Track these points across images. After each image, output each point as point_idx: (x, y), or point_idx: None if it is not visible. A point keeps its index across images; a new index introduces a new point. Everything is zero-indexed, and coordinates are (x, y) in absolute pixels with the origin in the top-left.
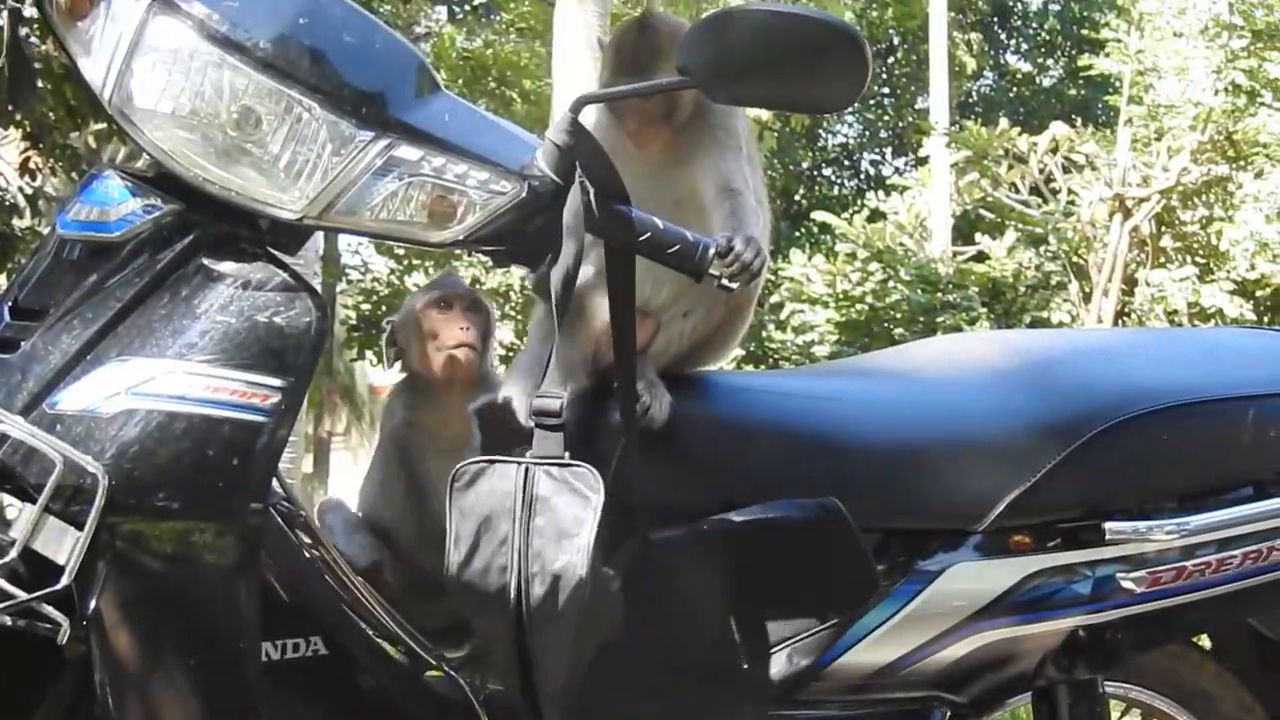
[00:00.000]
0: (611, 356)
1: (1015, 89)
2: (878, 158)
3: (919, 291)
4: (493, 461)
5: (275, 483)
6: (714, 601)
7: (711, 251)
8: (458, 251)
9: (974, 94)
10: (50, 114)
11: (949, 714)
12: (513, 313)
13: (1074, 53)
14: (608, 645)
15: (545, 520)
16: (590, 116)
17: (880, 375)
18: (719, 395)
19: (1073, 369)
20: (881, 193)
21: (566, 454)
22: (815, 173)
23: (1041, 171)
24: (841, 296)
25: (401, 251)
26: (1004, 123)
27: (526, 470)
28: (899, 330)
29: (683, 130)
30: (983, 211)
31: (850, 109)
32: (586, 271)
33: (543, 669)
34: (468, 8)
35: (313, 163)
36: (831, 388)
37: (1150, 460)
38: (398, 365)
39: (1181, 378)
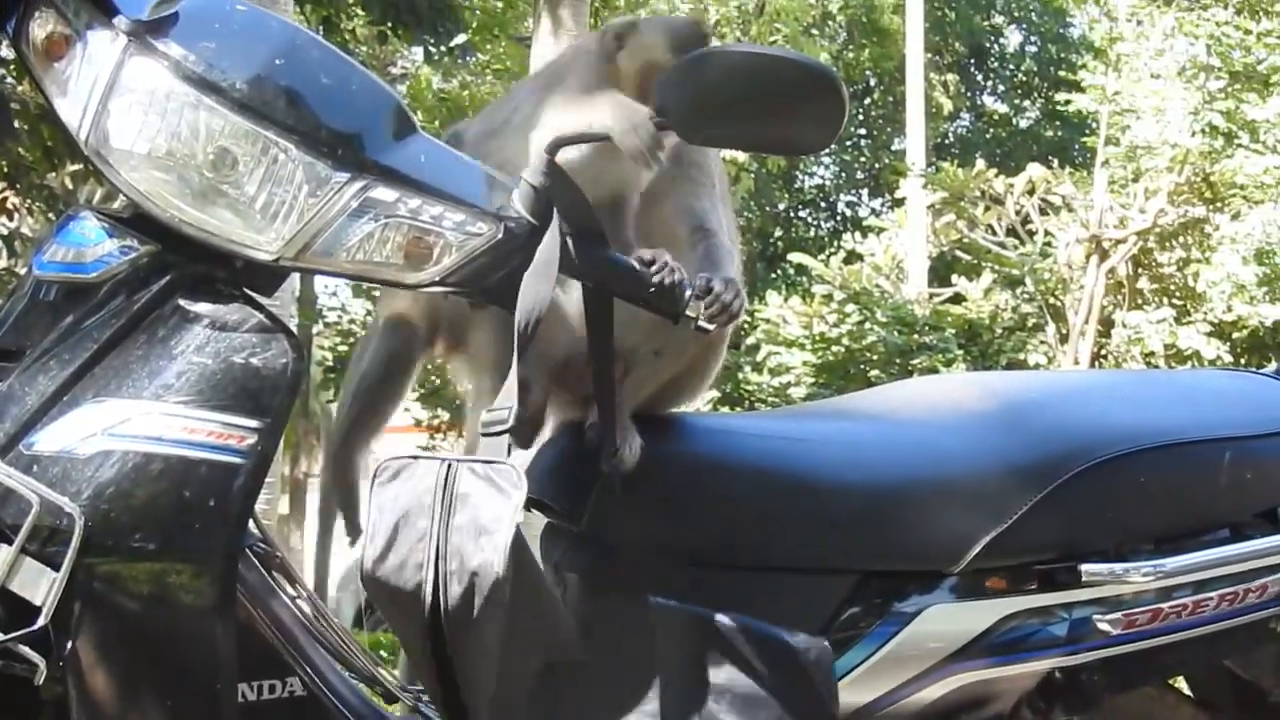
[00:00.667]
0: (569, 396)
1: (992, 130)
2: (854, 199)
3: (895, 333)
4: (416, 457)
5: (252, 524)
6: (687, 650)
7: (689, 293)
8: (434, 293)
9: (950, 135)
10: (27, 154)
11: None
12: None
13: (1050, 94)
14: (559, 666)
15: (465, 518)
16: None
17: (856, 417)
18: (694, 437)
19: (1049, 411)
20: (858, 234)
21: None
22: (792, 214)
23: (1018, 213)
24: (818, 338)
25: (378, 293)
26: (980, 164)
27: (449, 467)
28: (875, 372)
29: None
30: (959, 253)
31: (827, 150)
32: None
33: (465, 677)
34: (444, 49)
35: (289, 204)
36: (807, 429)
37: (1127, 502)
38: None
39: (1158, 420)
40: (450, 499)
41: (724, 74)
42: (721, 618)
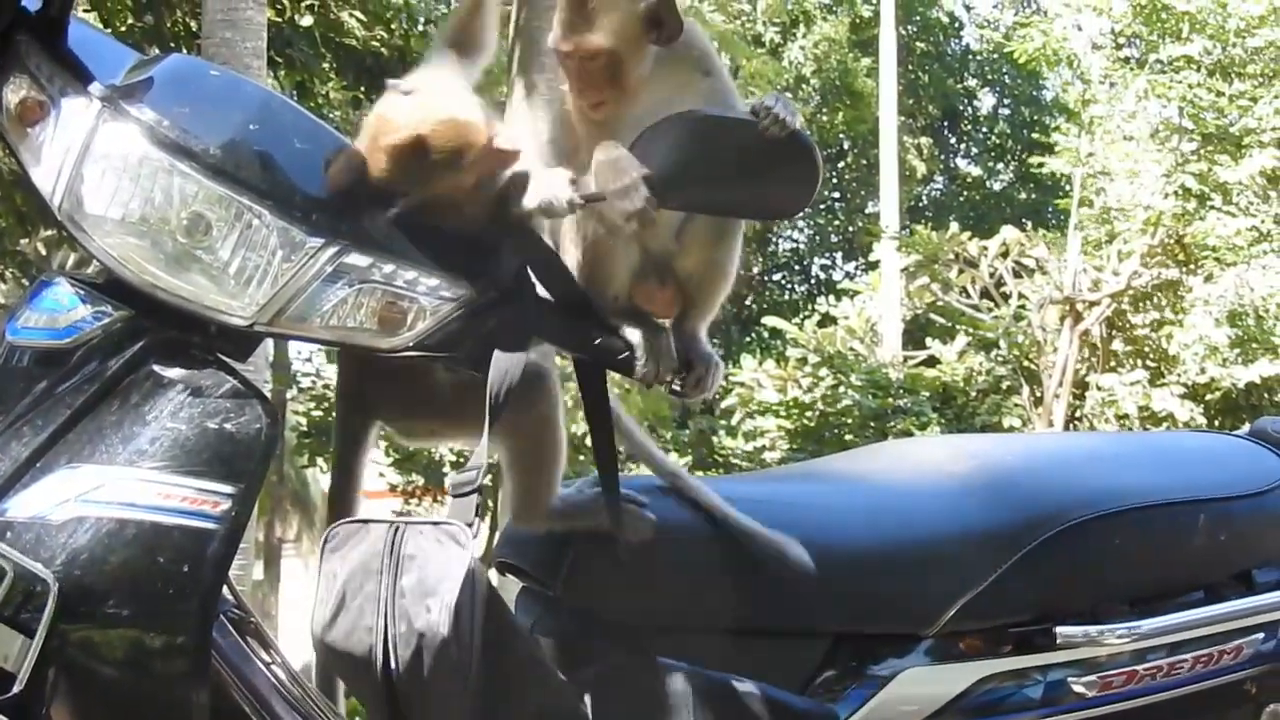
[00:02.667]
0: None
1: (965, 193)
2: (828, 262)
3: (870, 396)
4: (365, 522)
5: (226, 589)
6: (695, 712)
7: (668, 366)
8: (407, 357)
9: (924, 198)
10: (0, 220)
11: None
12: None
13: (1024, 156)
14: None
15: (412, 579)
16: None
17: (831, 480)
18: (669, 501)
19: (1024, 474)
20: (832, 297)
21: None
22: (766, 278)
23: (992, 275)
24: (792, 402)
25: None
26: (954, 227)
27: (396, 529)
28: (850, 435)
29: (648, 83)
30: (933, 316)
31: (801, 214)
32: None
33: None
34: None
35: (263, 269)
36: (783, 493)
37: (1102, 564)
38: None
39: (1133, 482)
40: (398, 561)
41: (698, 137)
42: (729, 680)
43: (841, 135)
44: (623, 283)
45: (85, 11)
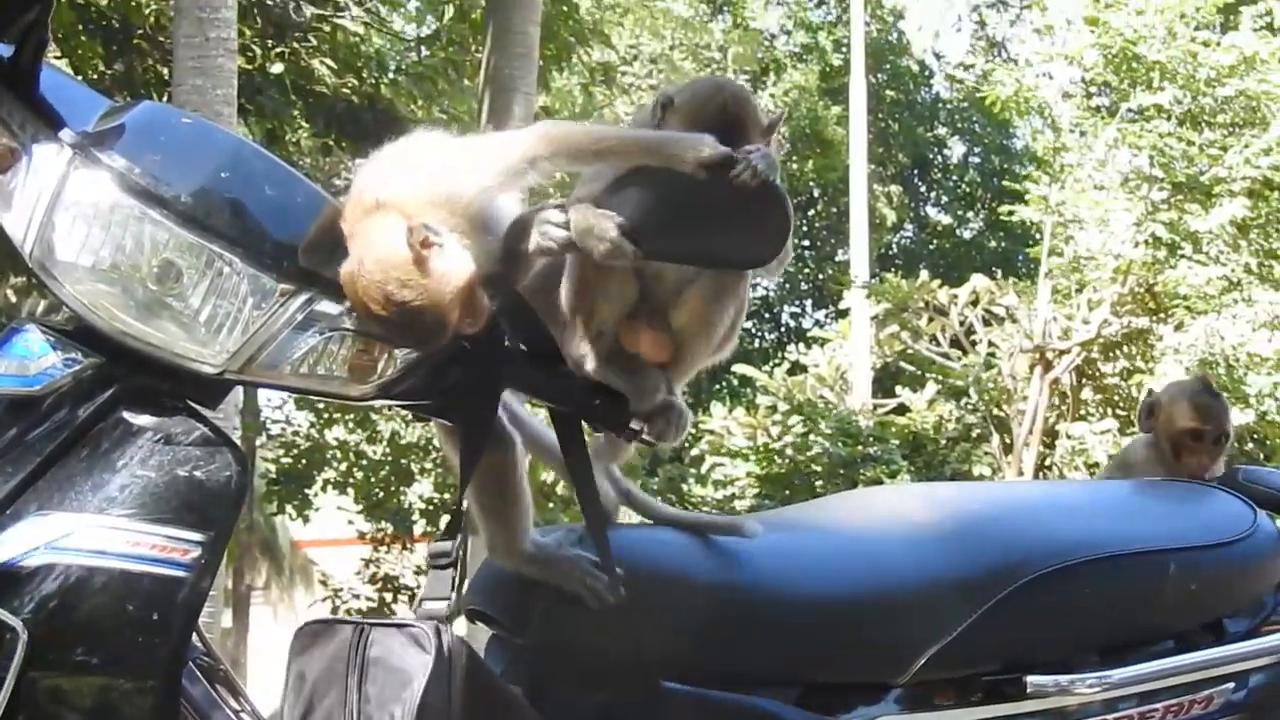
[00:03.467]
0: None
1: (935, 241)
2: (798, 310)
3: (840, 444)
4: (333, 622)
5: (195, 637)
6: None
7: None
8: (378, 404)
9: (894, 246)
10: None
11: None
12: (433, 466)
13: (994, 205)
14: None
15: (377, 686)
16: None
17: (801, 528)
18: (640, 548)
19: (994, 523)
20: (802, 345)
21: (432, 607)
22: None
23: (962, 324)
24: (762, 449)
25: (321, 405)
26: (924, 275)
27: (361, 631)
28: (820, 483)
29: None
30: (903, 364)
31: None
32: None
33: None
34: None
35: (233, 316)
36: (752, 541)
37: (1072, 613)
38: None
39: (1103, 531)
40: (363, 665)
41: (670, 188)
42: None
43: (811, 183)
44: (612, 319)
45: (57, 58)
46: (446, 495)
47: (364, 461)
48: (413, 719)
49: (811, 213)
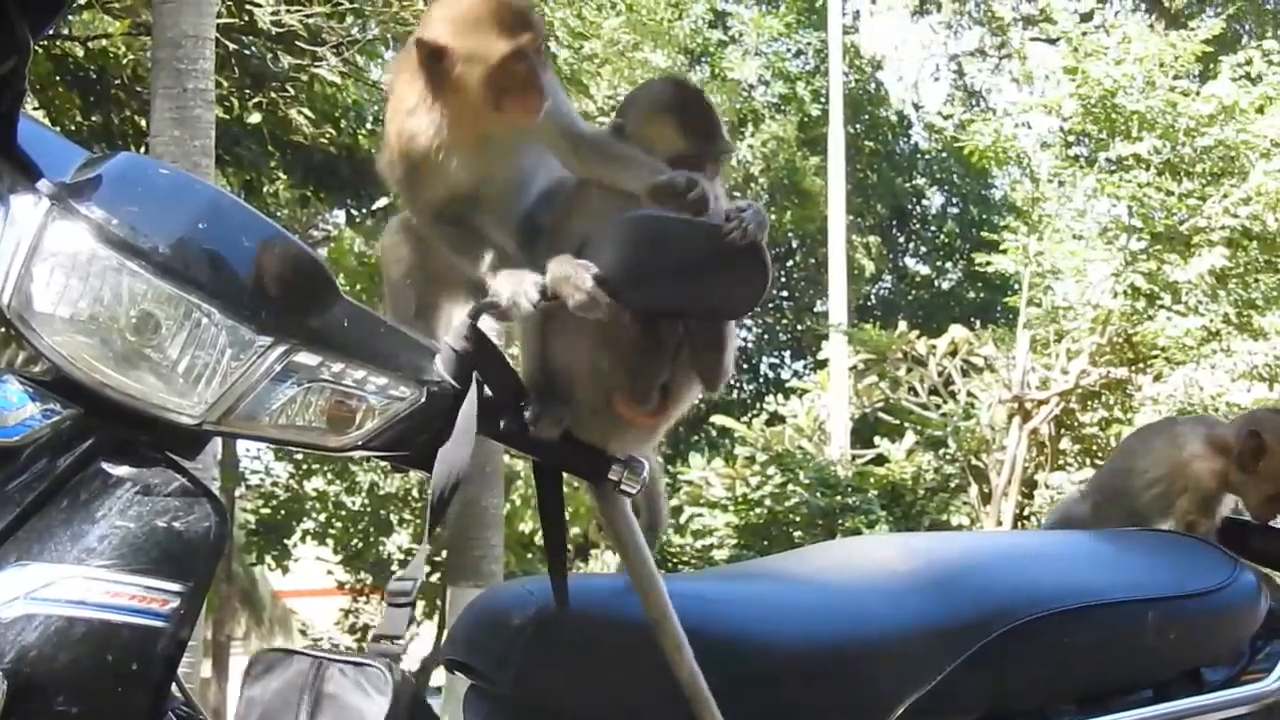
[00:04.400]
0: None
1: (914, 292)
2: (776, 361)
3: (818, 494)
4: (290, 652)
5: (174, 687)
6: None
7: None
8: (356, 455)
9: (873, 297)
10: None
11: None
12: (411, 516)
13: (972, 255)
14: None
15: (327, 719)
16: None
17: (780, 578)
18: (618, 600)
19: (973, 572)
20: (780, 396)
21: (386, 645)
22: None
23: (940, 374)
24: (740, 500)
25: (300, 456)
26: (903, 325)
27: (319, 665)
28: (798, 533)
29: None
30: (882, 414)
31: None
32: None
33: None
34: (366, 211)
35: (212, 368)
36: (731, 591)
37: (1051, 663)
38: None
39: (1082, 580)
40: (316, 699)
41: (647, 238)
42: None
43: (790, 234)
44: (601, 394)
45: (34, 109)
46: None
47: (343, 512)
48: None
49: (790, 263)
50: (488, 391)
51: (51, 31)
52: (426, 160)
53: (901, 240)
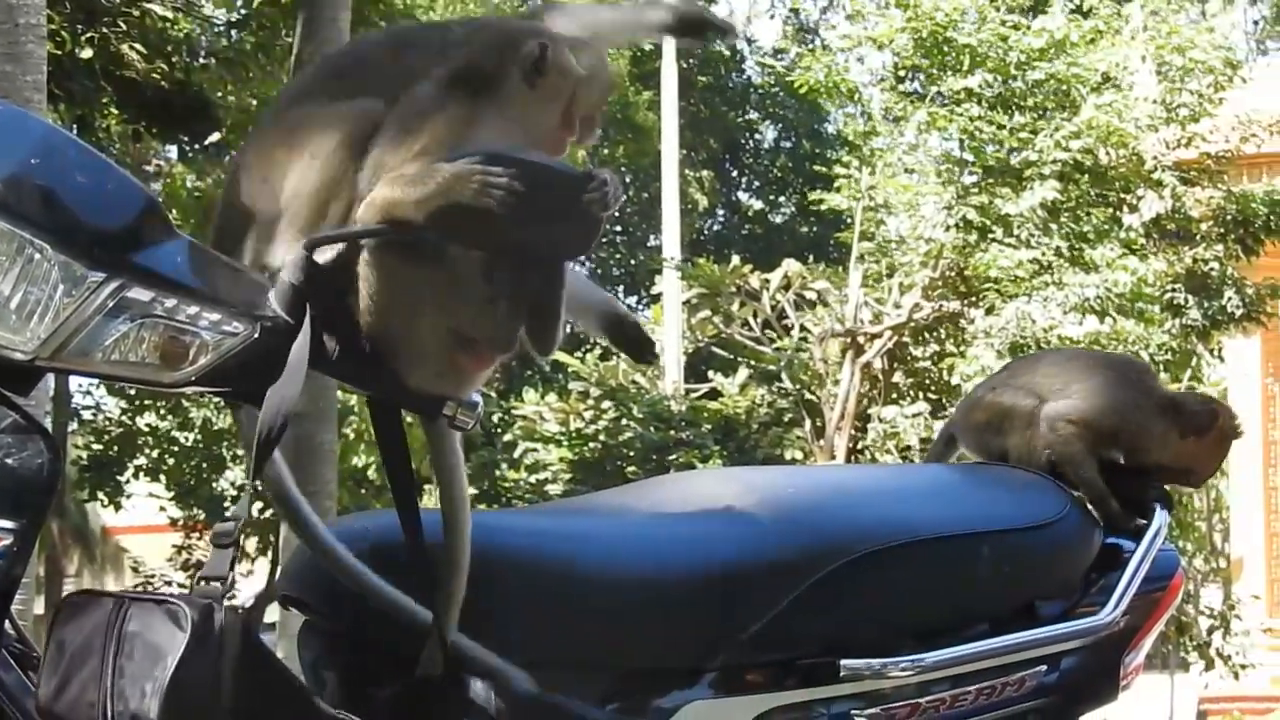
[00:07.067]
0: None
1: (748, 226)
2: (610, 295)
3: (652, 429)
4: (98, 594)
5: (8, 624)
6: None
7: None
8: (189, 391)
9: (706, 231)
10: None
11: None
12: (245, 452)
13: (806, 190)
14: None
15: (132, 660)
16: None
17: (614, 513)
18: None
19: (807, 506)
20: None
21: (193, 585)
22: None
23: (774, 308)
24: (574, 434)
25: (133, 392)
26: (736, 260)
27: (121, 604)
28: (632, 468)
29: None
30: (715, 349)
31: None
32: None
33: None
34: (198, 147)
35: (44, 304)
36: (564, 526)
37: (886, 597)
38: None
39: (917, 514)
40: (119, 639)
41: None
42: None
43: (623, 168)
44: (436, 341)
45: None
46: (259, 482)
47: (176, 448)
48: (162, 696)
49: (623, 198)
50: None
51: None
52: None
53: (735, 175)
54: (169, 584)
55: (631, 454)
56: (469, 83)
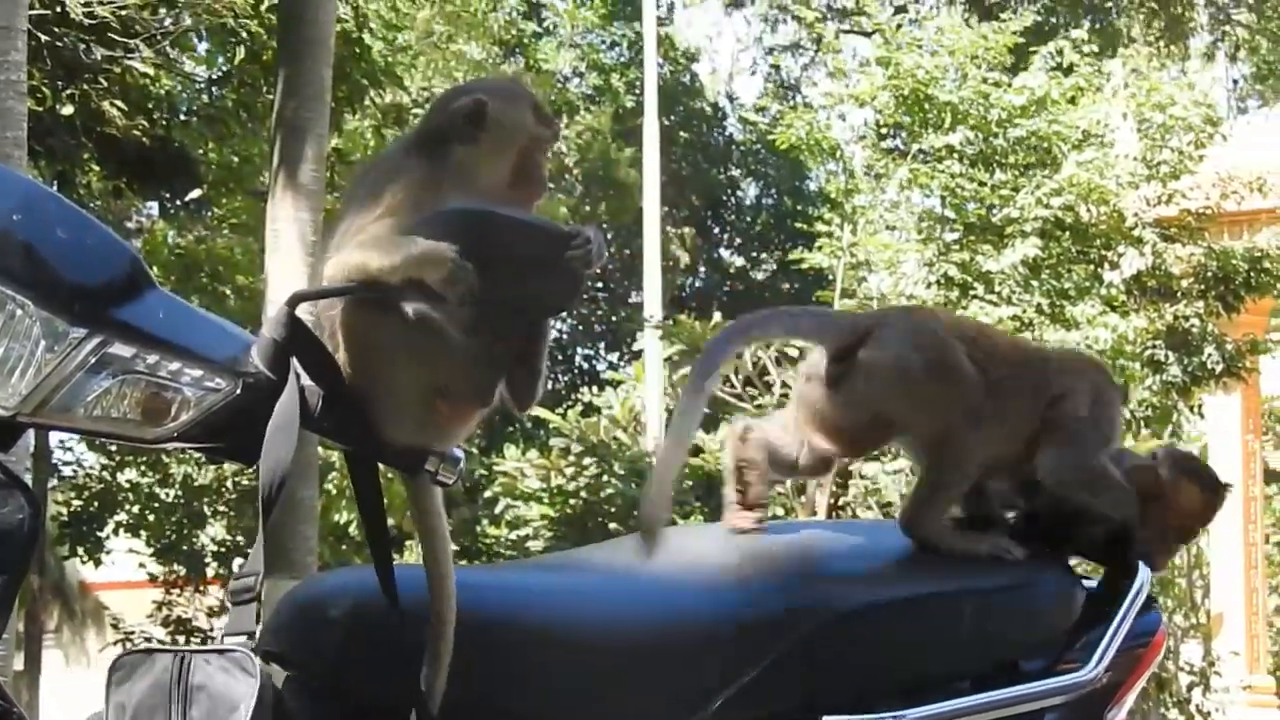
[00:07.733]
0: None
1: (729, 283)
2: (591, 353)
3: (633, 485)
4: (151, 651)
5: None
6: None
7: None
8: (171, 447)
9: (688, 288)
10: None
11: None
12: (226, 508)
13: (787, 246)
14: None
15: (201, 710)
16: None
17: (596, 570)
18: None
19: (789, 563)
20: (595, 387)
21: (239, 639)
22: None
23: (755, 365)
24: (556, 491)
25: (114, 447)
26: (718, 316)
27: (183, 660)
28: (614, 524)
29: None
30: None
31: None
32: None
33: None
34: (180, 203)
35: (26, 359)
36: (546, 583)
37: (868, 654)
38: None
39: (899, 572)
40: (186, 692)
41: (464, 234)
42: None
43: (605, 225)
44: (418, 395)
45: None
46: (239, 537)
47: (156, 504)
48: None
49: (606, 255)
50: (306, 381)
51: None
52: None
53: (716, 232)
54: (149, 640)
55: (613, 510)
56: (424, 145)
